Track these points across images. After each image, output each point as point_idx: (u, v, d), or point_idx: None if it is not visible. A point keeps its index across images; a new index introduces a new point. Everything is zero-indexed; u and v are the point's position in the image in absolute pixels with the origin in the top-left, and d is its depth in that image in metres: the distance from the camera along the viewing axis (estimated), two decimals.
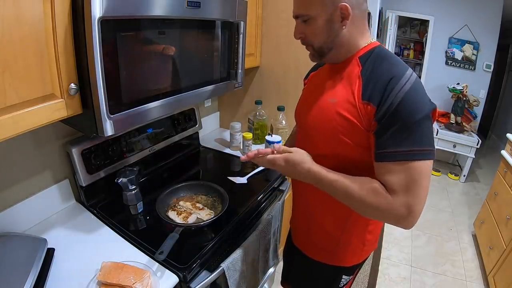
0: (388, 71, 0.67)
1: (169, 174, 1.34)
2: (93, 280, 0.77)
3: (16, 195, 0.92)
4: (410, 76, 0.65)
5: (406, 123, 0.63)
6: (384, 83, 0.65)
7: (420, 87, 0.66)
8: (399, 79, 0.64)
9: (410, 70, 0.67)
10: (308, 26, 0.72)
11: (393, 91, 0.64)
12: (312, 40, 0.74)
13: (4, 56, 0.56)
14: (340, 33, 0.71)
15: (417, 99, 0.64)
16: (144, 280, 0.76)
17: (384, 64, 0.69)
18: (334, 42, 0.72)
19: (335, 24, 0.69)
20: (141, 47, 0.83)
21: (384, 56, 0.71)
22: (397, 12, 3.50)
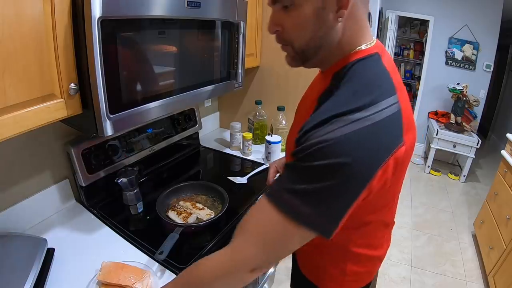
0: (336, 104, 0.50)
1: (169, 174, 1.34)
2: (93, 280, 0.77)
3: (16, 195, 0.92)
4: (359, 119, 0.47)
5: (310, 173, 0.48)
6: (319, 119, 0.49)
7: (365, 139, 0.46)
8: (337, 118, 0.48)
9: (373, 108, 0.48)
10: (289, 16, 0.53)
11: (319, 131, 0.48)
12: (292, 36, 0.56)
13: (4, 56, 0.56)
14: (334, 27, 0.52)
15: (343, 155, 0.45)
16: (144, 280, 0.76)
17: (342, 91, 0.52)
18: (323, 41, 0.54)
19: (328, 14, 0.51)
20: (141, 47, 0.83)
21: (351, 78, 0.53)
22: (397, 12, 3.50)
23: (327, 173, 0.46)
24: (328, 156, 0.46)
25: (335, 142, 0.46)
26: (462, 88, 3.13)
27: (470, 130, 3.25)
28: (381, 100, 0.49)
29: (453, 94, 3.23)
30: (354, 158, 0.45)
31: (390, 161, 0.48)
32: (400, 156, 0.50)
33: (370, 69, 0.54)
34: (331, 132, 0.47)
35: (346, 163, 0.45)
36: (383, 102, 0.49)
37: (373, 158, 0.47)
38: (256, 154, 1.54)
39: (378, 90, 0.51)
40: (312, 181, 0.47)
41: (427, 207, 2.84)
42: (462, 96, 3.17)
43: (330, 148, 0.46)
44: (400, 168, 0.53)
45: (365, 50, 0.55)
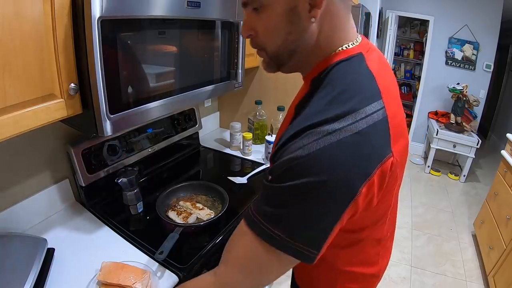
0: (310, 115, 0.45)
1: (169, 174, 1.34)
2: (93, 280, 0.77)
3: (16, 195, 0.92)
4: (335, 131, 0.41)
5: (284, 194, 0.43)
6: (292, 132, 0.45)
7: (343, 153, 0.41)
8: (311, 131, 0.43)
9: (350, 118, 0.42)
10: (260, 19, 0.50)
11: (293, 145, 0.43)
12: (264, 41, 0.52)
13: (4, 55, 0.56)
14: (307, 29, 0.48)
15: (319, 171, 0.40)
16: (144, 280, 0.75)
17: (314, 104, 0.46)
18: (298, 43, 0.50)
19: (300, 15, 0.46)
20: (141, 47, 0.83)
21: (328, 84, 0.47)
22: (397, 12, 3.50)
23: (301, 194, 0.42)
24: (301, 175, 0.41)
25: (308, 158, 0.41)
26: (462, 88, 3.14)
27: (470, 130, 3.25)
28: (362, 107, 0.43)
29: (453, 94, 3.23)
30: (331, 176, 0.40)
31: (375, 176, 0.43)
32: (387, 169, 0.44)
33: (350, 72, 0.48)
34: (304, 147, 0.41)
35: (322, 181, 0.40)
36: (365, 109, 0.43)
37: (353, 174, 0.41)
38: (256, 154, 1.54)
39: (358, 95, 0.45)
40: (286, 204, 0.43)
41: (427, 207, 2.84)
42: (462, 96, 3.17)
43: (302, 165, 0.41)
44: (390, 182, 0.47)
45: (346, 50, 0.50)
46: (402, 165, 0.51)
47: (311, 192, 0.41)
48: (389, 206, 0.56)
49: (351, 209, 0.43)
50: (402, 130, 0.50)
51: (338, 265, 0.63)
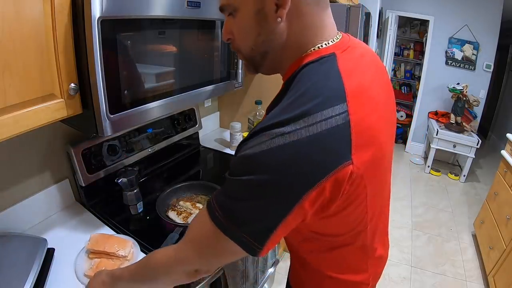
0: (269, 117, 0.45)
1: (169, 174, 1.34)
2: (83, 249, 0.87)
3: (16, 195, 0.92)
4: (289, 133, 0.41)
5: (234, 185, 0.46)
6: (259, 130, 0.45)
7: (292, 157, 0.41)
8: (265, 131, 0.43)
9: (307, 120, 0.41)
10: (235, 22, 0.52)
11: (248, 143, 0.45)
12: (239, 43, 0.54)
13: (4, 56, 0.56)
14: (275, 29, 0.48)
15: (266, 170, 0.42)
16: (127, 248, 0.85)
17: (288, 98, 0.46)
18: (268, 44, 0.51)
19: (268, 16, 0.47)
20: (141, 47, 0.83)
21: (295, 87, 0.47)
22: (397, 12, 3.50)
23: (248, 189, 0.44)
24: (248, 172, 0.43)
25: (256, 157, 0.42)
26: (462, 88, 3.14)
27: (470, 130, 3.25)
28: (319, 111, 0.42)
29: (453, 94, 3.23)
30: (274, 177, 0.41)
31: (327, 183, 0.41)
32: (344, 179, 0.42)
33: (316, 73, 0.47)
34: (256, 146, 0.43)
35: (265, 180, 0.42)
36: (323, 113, 0.42)
37: (298, 179, 0.41)
38: None
39: (317, 98, 0.43)
40: (236, 196, 0.45)
41: (427, 207, 2.84)
42: (462, 96, 3.17)
43: (251, 163, 0.43)
44: (353, 191, 0.46)
45: (318, 51, 0.49)
46: (375, 175, 0.49)
47: (256, 189, 0.43)
48: (364, 215, 0.54)
49: (297, 213, 0.43)
50: (373, 138, 0.46)
51: (323, 270, 0.63)
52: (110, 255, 0.83)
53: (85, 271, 0.80)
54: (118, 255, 0.83)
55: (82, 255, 0.85)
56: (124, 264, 0.83)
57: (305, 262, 0.64)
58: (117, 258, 0.83)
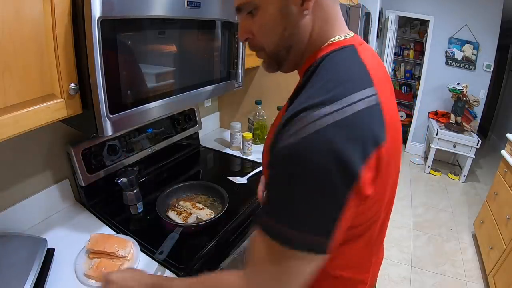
0: (304, 100, 0.44)
1: (169, 174, 1.34)
2: (83, 249, 0.86)
3: (16, 195, 0.92)
4: (330, 113, 0.40)
5: (285, 187, 0.42)
6: (285, 118, 0.44)
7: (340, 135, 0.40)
8: (304, 115, 0.41)
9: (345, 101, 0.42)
10: (255, 21, 0.51)
11: (287, 131, 0.42)
12: (262, 41, 0.53)
13: (4, 56, 0.56)
14: (301, 22, 0.49)
15: (316, 156, 0.39)
16: (127, 248, 0.85)
17: (307, 90, 0.46)
18: (292, 39, 0.51)
19: (293, 9, 0.48)
20: (141, 47, 0.83)
21: (321, 73, 0.47)
22: (397, 12, 3.50)
23: (301, 181, 0.40)
24: (295, 163, 0.40)
25: (300, 145, 0.40)
26: (462, 88, 3.14)
27: (470, 130, 3.25)
28: (354, 92, 0.43)
29: (453, 94, 3.23)
30: (327, 160, 0.39)
31: (373, 159, 0.41)
32: (383, 156, 0.42)
33: (342, 60, 0.48)
34: (295, 133, 0.40)
35: (318, 166, 0.39)
36: (357, 94, 0.43)
37: (351, 156, 0.39)
38: (256, 154, 1.54)
39: (350, 81, 0.45)
40: (289, 195, 0.42)
41: (427, 207, 2.84)
42: (462, 96, 3.17)
43: (295, 153, 0.40)
44: (385, 174, 0.45)
45: (338, 42, 0.51)
46: (396, 162, 0.49)
47: (310, 178, 0.40)
48: (382, 204, 0.53)
49: (355, 193, 0.41)
50: (396, 124, 0.48)
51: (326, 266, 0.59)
52: (110, 255, 0.83)
53: (85, 271, 0.80)
54: (118, 255, 0.83)
55: (82, 255, 0.85)
56: (124, 264, 0.82)
57: None
58: (117, 258, 0.83)
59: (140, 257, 0.87)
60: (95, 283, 0.78)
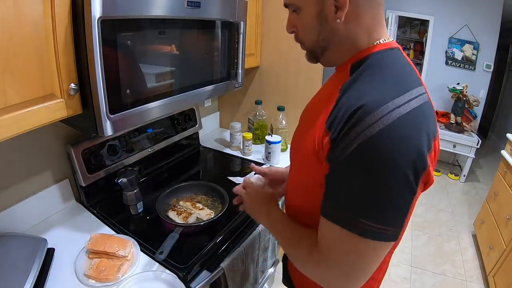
0: (365, 93, 0.46)
1: (169, 174, 1.34)
2: (83, 249, 0.86)
3: (16, 195, 0.92)
4: (395, 108, 0.43)
5: (360, 182, 0.44)
6: (348, 112, 0.45)
7: (408, 128, 0.43)
8: (370, 110, 0.43)
9: (405, 97, 0.45)
10: (298, 18, 0.57)
11: (354, 128, 0.44)
12: (302, 37, 0.59)
13: (4, 56, 0.56)
14: (335, 28, 0.53)
15: (389, 149, 0.42)
16: (127, 248, 0.85)
17: (368, 80, 0.49)
18: (328, 41, 0.56)
19: (328, 17, 0.52)
20: (141, 47, 0.83)
21: (377, 67, 0.51)
22: (397, 12, 3.50)
23: (382, 176, 0.43)
24: (375, 157, 0.42)
25: (378, 138, 0.42)
26: (462, 88, 3.13)
27: (470, 130, 3.25)
28: (413, 88, 0.48)
29: (453, 94, 3.23)
30: (400, 152, 0.42)
31: (432, 150, 0.46)
32: (437, 149, 0.48)
33: (394, 59, 0.53)
34: (371, 127, 0.42)
35: (393, 160, 0.42)
36: (415, 90, 0.47)
37: (421, 147, 0.43)
38: (256, 154, 1.54)
39: (407, 79, 0.50)
40: (370, 189, 0.44)
41: (427, 207, 2.84)
42: (462, 96, 3.17)
43: (376, 146, 0.42)
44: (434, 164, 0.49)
45: (384, 44, 0.54)
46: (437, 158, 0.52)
47: (392, 170, 0.42)
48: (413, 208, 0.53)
49: (422, 181, 0.45)
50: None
51: None
52: (110, 255, 0.83)
53: (85, 271, 0.80)
54: (118, 255, 0.83)
55: (82, 255, 0.85)
56: (124, 264, 0.82)
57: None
58: (117, 258, 0.83)
59: (140, 257, 0.87)
60: (95, 283, 0.78)
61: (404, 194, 0.44)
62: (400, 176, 0.43)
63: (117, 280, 0.79)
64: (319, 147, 0.51)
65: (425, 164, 0.44)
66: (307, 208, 0.61)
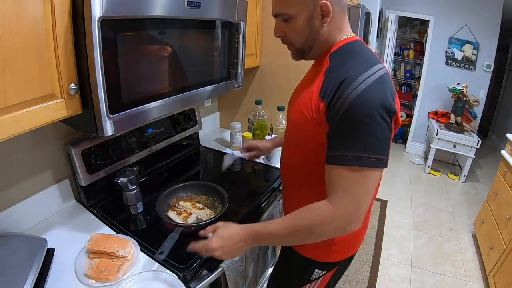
0: (346, 71, 0.65)
1: (169, 174, 1.34)
2: (83, 249, 0.87)
3: (16, 195, 0.92)
4: (368, 77, 0.62)
5: (355, 128, 0.62)
6: (337, 84, 0.63)
7: (378, 87, 0.62)
8: (351, 80, 0.62)
9: (373, 69, 0.64)
10: (289, 25, 0.72)
11: (343, 93, 0.62)
12: (293, 40, 0.74)
13: (5, 56, 0.56)
14: (320, 30, 0.71)
15: (368, 102, 0.61)
16: (127, 248, 0.85)
17: (345, 62, 0.68)
18: (314, 40, 0.72)
19: (316, 22, 0.69)
20: (141, 47, 0.83)
21: (349, 53, 0.70)
22: (397, 12, 3.50)
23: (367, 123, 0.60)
24: (359, 111, 0.60)
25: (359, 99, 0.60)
26: (462, 88, 3.13)
27: (470, 130, 3.25)
28: (376, 64, 0.66)
29: (453, 94, 3.23)
30: (378, 104, 0.61)
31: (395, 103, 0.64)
32: (397, 104, 0.67)
33: (360, 47, 0.72)
34: (353, 92, 0.61)
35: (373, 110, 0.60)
36: (377, 65, 0.66)
37: (389, 98, 0.63)
38: None
39: (371, 59, 0.68)
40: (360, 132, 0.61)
41: (427, 207, 2.84)
42: (462, 96, 3.17)
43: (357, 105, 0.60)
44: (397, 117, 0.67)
45: (350, 37, 0.74)
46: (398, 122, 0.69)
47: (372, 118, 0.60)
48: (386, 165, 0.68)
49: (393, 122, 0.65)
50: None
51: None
52: (110, 255, 0.83)
53: (85, 271, 0.80)
54: (118, 255, 0.83)
55: (82, 255, 0.85)
56: (124, 264, 0.82)
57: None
58: (117, 258, 0.83)
59: (140, 257, 0.87)
60: (95, 283, 0.78)
61: (385, 130, 0.63)
62: (380, 118, 0.61)
63: (117, 280, 0.79)
64: (316, 113, 0.68)
65: (394, 108, 0.63)
66: (305, 165, 0.78)
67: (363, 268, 2.04)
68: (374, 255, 2.16)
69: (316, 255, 0.87)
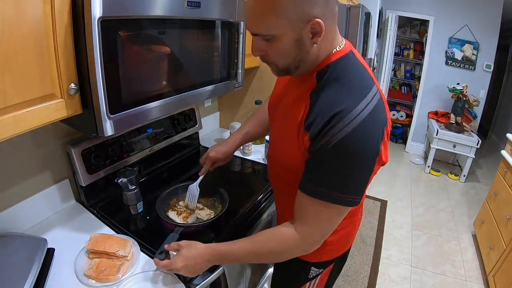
0: (336, 102, 0.59)
1: (169, 174, 1.34)
2: (83, 249, 0.87)
3: (16, 195, 0.92)
4: (360, 112, 0.57)
5: (338, 166, 0.60)
6: (326, 118, 0.58)
7: (369, 126, 0.58)
8: (343, 116, 0.57)
9: (366, 100, 0.59)
10: (270, 45, 0.62)
11: (332, 129, 0.57)
12: (275, 60, 0.65)
13: (4, 56, 0.56)
14: (310, 50, 0.62)
15: (357, 143, 0.57)
16: (127, 248, 0.85)
17: (335, 89, 0.61)
18: (302, 61, 0.64)
19: (305, 41, 0.60)
20: (141, 47, 0.83)
21: (340, 75, 0.62)
22: (397, 12, 3.50)
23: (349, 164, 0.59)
24: (345, 151, 0.58)
25: (347, 138, 0.56)
26: (462, 88, 3.14)
27: (470, 130, 3.25)
28: (368, 92, 0.61)
29: (453, 94, 3.23)
30: (365, 145, 0.58)
31: (385, 136, 0.61)
32: (388, 130, 0.63)
33: (350, 66, 0.65)
34: (342, 130, 0.56)
35: (360, 151, 0.58)
36: (370, 93, 0.61)
37: (376, 139, 0.59)
38: (256, 154, 1.54)
39: (363, 85, 0.62)
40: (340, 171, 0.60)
41: (427, 207, 2.84)
42: (462, 96, 3.17)
43: (344, 145, 0.57)
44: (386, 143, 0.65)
45: (340, 51, 0.65)
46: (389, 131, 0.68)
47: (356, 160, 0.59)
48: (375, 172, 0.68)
49: (378, 162, 0.62)
50: (386, 103, 0.67)
51: None
52: (110, 255, 0.83)
53: (85, 271, 0.80)
54: (118, 255, 0.83)
55: (82, 255, 0.85)
56: (124, 264, 0.83)
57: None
58: (117, 258, 0.83)
59: (140, 257, 0.87)
60: (95, 283, 0.78)
61: (366, 173, 0.62)
62: (363, 162, 0.60)
63: (117, 280, 0.79)
64: (300, 142, 0.65)
65: (378, 150, 0.60)
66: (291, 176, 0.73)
67: (363, 268, 2.04)
68: (374, 255, 2.16)
69: (311, 257, 0.85)
